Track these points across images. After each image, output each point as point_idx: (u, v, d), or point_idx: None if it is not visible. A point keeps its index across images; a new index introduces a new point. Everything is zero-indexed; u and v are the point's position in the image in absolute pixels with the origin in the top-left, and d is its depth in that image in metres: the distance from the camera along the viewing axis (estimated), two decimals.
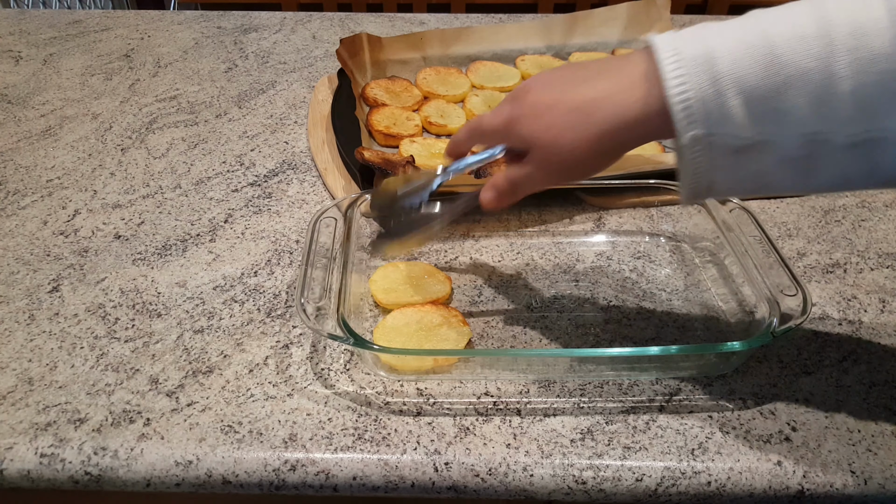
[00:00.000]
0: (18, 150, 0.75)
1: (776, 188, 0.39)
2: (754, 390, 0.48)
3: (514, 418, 0.46)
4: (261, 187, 0.69)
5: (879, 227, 0.63)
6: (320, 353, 0.51)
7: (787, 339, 0.52)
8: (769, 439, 0.44)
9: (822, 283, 0.57)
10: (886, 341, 0.52)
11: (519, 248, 0.61)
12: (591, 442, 0.44)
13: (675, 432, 0.45)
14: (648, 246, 0.61)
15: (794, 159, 0.37)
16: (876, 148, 0.35)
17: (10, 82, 0.90)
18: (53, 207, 0.66)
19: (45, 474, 0.43)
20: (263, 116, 0.82)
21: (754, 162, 0.37)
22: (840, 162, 0.36)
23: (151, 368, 0.49)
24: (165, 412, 0.46)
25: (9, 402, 0.47)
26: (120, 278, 0.57)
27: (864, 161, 0.36)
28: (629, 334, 0.52)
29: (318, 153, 0.73)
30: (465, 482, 0.43)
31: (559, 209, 0.65)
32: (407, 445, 0.44)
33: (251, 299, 0.55)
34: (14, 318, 0.53)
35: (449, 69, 0.88)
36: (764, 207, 0.66)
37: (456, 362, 0.48)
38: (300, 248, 0.61)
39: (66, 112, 0.82)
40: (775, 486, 0.42)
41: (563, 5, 1.70)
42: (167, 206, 0.66)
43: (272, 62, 0.95)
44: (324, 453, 0.43)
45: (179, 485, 0.43)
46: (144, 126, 0.80)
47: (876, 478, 0.42)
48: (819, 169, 0.37)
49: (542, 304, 0.55)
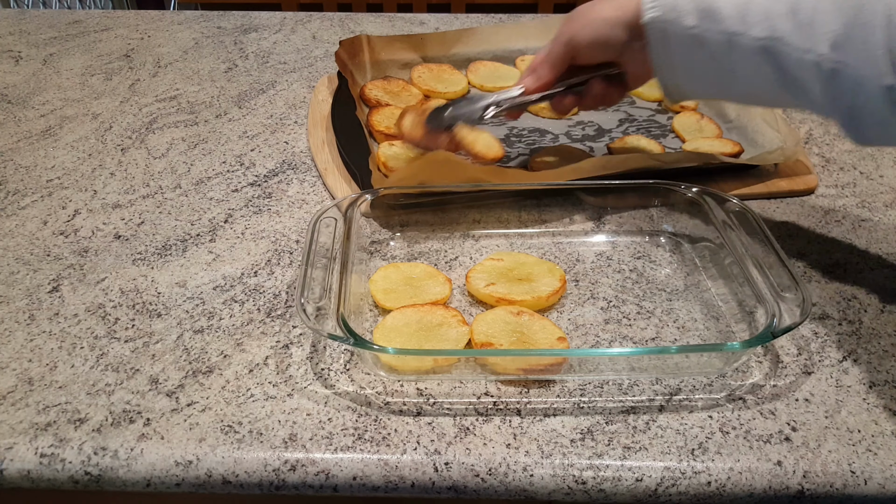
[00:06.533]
0: (18, 150, 0.75)
1: (713, 87, 0.55)
2: (754, 390, 0.48)
3: (514, 418, 0.46)
4: (261, 187, 0.69)
5: (879, 227, 0.63)
6: (320, 353, 0.51)
7: (787, 339, 0.52)
8: (769, 439, 0.44)
9: (822, 283, 0.57)
10: (886, 341, 0.52)
11: (519, 247, 0.61)
12: (591, 442, 0.44)
13: (675, 432, 0.45)
14: (648, 246, 0.61)
15: (719, 56, 0.51)
16: (778, 54, 0.48)
17: (10, 82, 0.90)
18: (53, 207, 0.66)
19: (45, 474, 0.43)
20: (263, 116, 0.82)
21: (695, 53, 0.52)
22: (752, 62, 0.49)
23: (151, 368, 0.49)
24: (165, 412, 0.46)
25: (9, 402, 0.47)
26: (120, 278, 0.57)
27: (772, 63, 0.48)
28: (629, 334, 0.52)
29: (318, 153, 0.73)
30: (465, 482, 0.43)
31: (559, 209, 0.65)
32: (407, 445, 0.44)
33: (251, 299, 0.55)
34: (14, 318, 0.53)
35: (442, 66, 0.88)
36: (764, 207, 0.66)
37: (456, 362, 0.48)
38: (300, 248, 0.61)
39: (66, 112, 0.82)
40: (775, 486, 0.42)
41: (563, 5, 1.70)
42: (167, 206, 0.66)
43: (272, 62, 0.95)
44: (324, 453, 0.43)
45: (179, 485, 0.43)
46: (144, 126, 0.80)
47: (876, 478, 0.43)
48: (738, 69, 0.51)
49: None
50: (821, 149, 0.75)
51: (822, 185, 0.69)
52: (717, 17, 0.50)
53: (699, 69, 0.53)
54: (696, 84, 0.55)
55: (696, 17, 0.51)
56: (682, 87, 0.56)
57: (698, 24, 0.51)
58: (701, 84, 0.55)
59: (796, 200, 0.67)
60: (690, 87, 0.56)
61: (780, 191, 0.68)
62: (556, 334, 0.50)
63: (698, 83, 0.55)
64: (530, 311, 0.52)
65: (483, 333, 0.50)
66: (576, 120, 0.81)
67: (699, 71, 0.53)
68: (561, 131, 0.78)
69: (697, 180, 0.62)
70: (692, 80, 0.55)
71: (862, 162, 0.73)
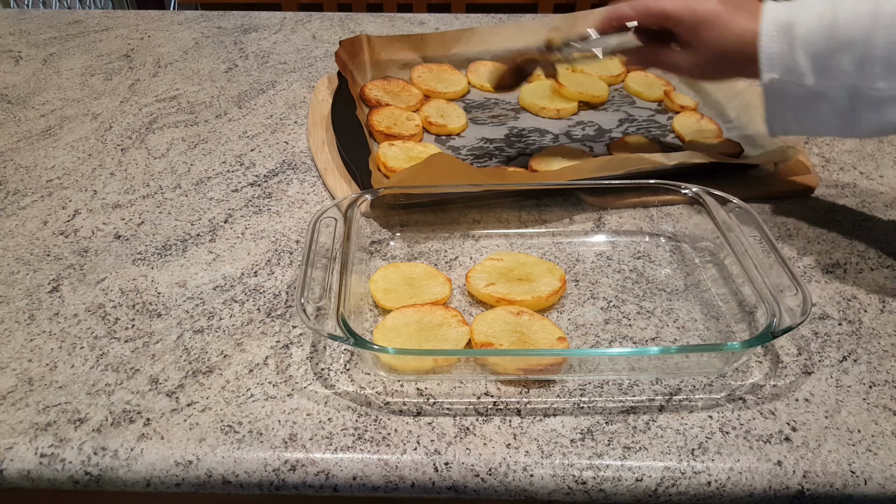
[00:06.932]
0: (18, 150, 0.75)
1: (834, 131, 0.54)
2: (754, 390, 0.48)
3: (514, 418, 0.46)
4: (261, 187, 0.69)
5: (879, 227, 0.63)
6: (320, 353, 0.51)
7: (787, 339, 0.52)
8: (769, 439, 0.44)
9: (822, 283, 0.57)
10: (886, 341, 0.52)
11: (519, 247, 0.61)
12: (591, 442, 0.44)
13: (675, 432, 0.45)
14: (648, 246, 0.61)
15: (842, 108, 0.51)
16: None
17: (10, 82, 0.90)
18: (53, 207, 0.66)
19: (45, 474, 0.43)
20: (263, 116, 0.82)
21: (814, 107, 0.52)
22: (880, 111, 0.50)
23: (151, 368, 0.49)
24: (165, 412, 0.46)
25: (9, 402, 0.47)
26: (120, 278, 0.57)
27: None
28: (629, 334, 0.52)
29: (318, 153, 0.73)
30: (465, 482, 0.43)
31: (559, 209, 0.65)
32: (407, 445, 0.44)
33: (251, 299, 0.55)
34: (14, 318, 0.53)
35: (442, 66, 0.88)
36: (764, 207, 0.66)
37: (456, 362, 0.48)
38: (300, 248, 0.61)
39: (66, 112, 0.82)
40: (775, 486, 0.42)
41: (563, 5, 1.71)
42: (167, 206, 0.66)
43: (272, 62, 0.95)
44: (324, 453, 0.43)
45: (179, 485, 0.43)
46: (144, 126, 0.80)
47: (876, 478, 0.43)
48: (860, 117, 0.51)
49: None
50: (821, 149, 0.75)
51: (822, 185, 0.69)
52: (838, 73, 0.49)
53: (815, 119, 0.53)
54: (810, 130, 0.55)
55: (815, 76, 0.50)
56: (791, 132, 0.56)
57: (818, 81, 0.50)
58: (816, 129, 0.55)
59: (796, 200, 0.67)
60: (801, 132, 0.56)
61: (780, 191, 0.68)
62: (556, 334, 0.50)
63: (813, 129, 0.55)
64: (530, 311, 0.52)
65: (483, 333, 0.50)
66: (576, 120, 0.81)
67: (814, 121, 0.53)
68: (561, 131, 0.78)
69: (697, 180, 0.62)
70: (807, 128, 0.55)
71: (862, 162, 0.73)
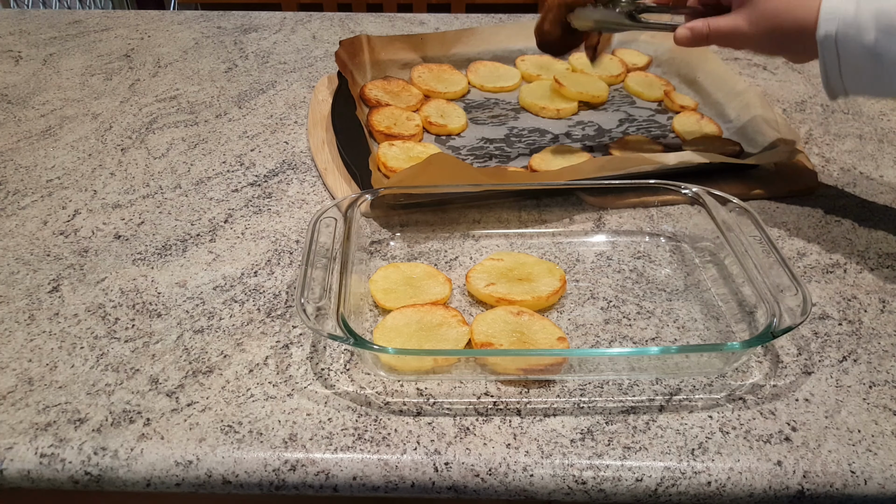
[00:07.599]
0: (18, 150, 0.75)
1: (892, 93, 0.54)
2: (754, 390, 0.48)
3: (514, 418, 0.46)
4: (261, 187, 0.69)
5: (879, 227, 0.63)
6: (320, 353, 0.51)
7: (787, 339, 0.52)
8: (769, 439, 0.44)
9: (822, 283, 0.57)
10: (886, 341, 0.52)
11: (519, 247, 0.61)
12: (591, 442, 0.44)
13: (675, 432, 0.45)
14: (648, 246, 0.61)
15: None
16: None
17: (10, 82, 0.90)
18: (53, 207, 0.66)
19: (45, 474, 0.43)
20: (263, 116, 0.82)
21: (873, 68, 0.51)
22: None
23: (151, 368, 0.49)
24: (165, 412, 0.46)
25: (9, 402, 0.47)
26: (120, 278, 0.57)
27: None
28: (629, 334, 0.52)
29: (318, 153, 0.73)
30: (465, 482, 0.43)
31: (559, 209, 0.65)
32: (407, 445, 0.44)
33: (251, 299, 0.55)
34: (14, 318, 0.53)
35: (442, 66, 0.88)
36: (764, 207, 0.66)
37: (456, 362, 0.48)
38: (300, 248, 0.61)
39: (66, 112, 0.82)
40: (775, 486, 0.42)
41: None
42: (167, 206, 0.66)
43: (272, 62, 0.95)
44: (324, 453, 0.43)
45: (179, 485, 0.43)
46: (144, 126, 0.80)
47: (876, 478, 0.43)
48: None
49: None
50: (821, 149, 0.75)
51: (822, 185, 0.69)
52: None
53: (871, 78, 0.53)
54: (863, 89, 0.55)
55: (876, 32, 0.50)
56: (849, 90, 0.55)
57: (878, 39, 0.50)
58: (870, 89, 0.55)
59: (796, 200, 0.67)
60: (856, 91, 0.55)
61: (780, 191, 0.68)
62: (556, 334, 0.50)
63: (867, 89, 0.55)
64: (530, 311, 0.52)
65: (483, 333, 0.50)
66: (576, 120, 0.81)
67: (869, 79, 0.53)
68: (561, 131, 0.78)
69: (697, 180, 0.62)
70: (861, 87, 0.54)
71: (862, 162, 0.73)
